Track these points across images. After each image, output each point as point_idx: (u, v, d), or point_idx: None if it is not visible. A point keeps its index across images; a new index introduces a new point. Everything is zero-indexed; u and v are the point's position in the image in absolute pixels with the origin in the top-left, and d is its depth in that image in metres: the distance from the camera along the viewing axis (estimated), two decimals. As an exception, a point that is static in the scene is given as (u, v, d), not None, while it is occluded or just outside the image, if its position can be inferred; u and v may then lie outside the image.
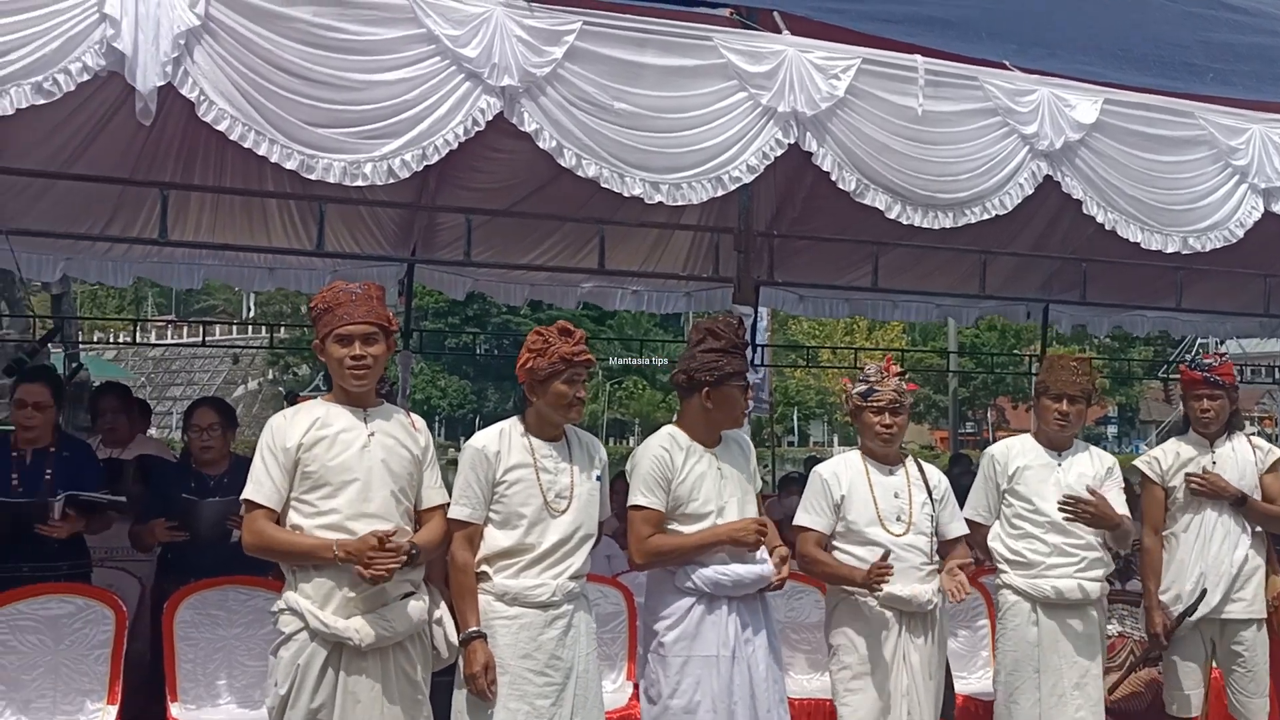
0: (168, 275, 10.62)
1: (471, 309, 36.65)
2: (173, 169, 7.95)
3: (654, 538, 4.41)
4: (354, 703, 3.82)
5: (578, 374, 4.17)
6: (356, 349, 3.91)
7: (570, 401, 4.17)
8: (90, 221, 8.57)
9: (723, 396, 4.44)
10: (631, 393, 49.45)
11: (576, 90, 4.89)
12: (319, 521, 3.85)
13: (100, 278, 10.58)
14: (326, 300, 3.97)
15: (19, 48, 4.18)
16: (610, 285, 10.46)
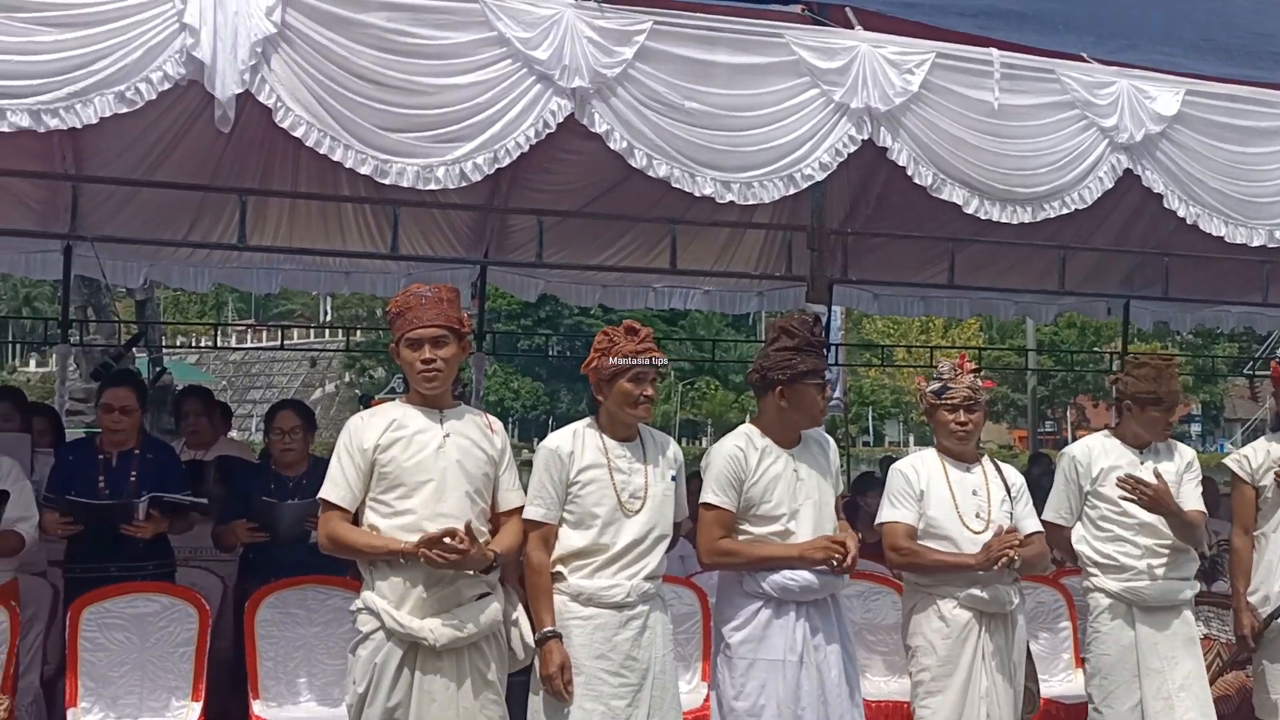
0: (246, 280, 10.80)
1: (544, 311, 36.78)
2: (251, 175, 8.08)
3: (723, 541, 4.39)
4: (430, 701, 3.85)
5: (643, 373, 4.16)
6: (426, 352, 3.94)
7: (636, 400, 4.16)
8: (172, 228, 8.73)
9: (797, 395, 4.40)
10: (704, 393, 49.34)
11: (647, 90, 4.88)
12: (395, 522, 3.89)
13: (182, 283, 10.77)
14: (399, 304, 4.02)
15: (102, 58, 4.28)
16: (682, 285, 10.44)
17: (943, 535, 4.74)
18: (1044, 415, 45.97)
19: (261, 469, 6.09)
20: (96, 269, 9.56)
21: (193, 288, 11.00)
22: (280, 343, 32.63)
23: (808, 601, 4.38)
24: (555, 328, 38.66)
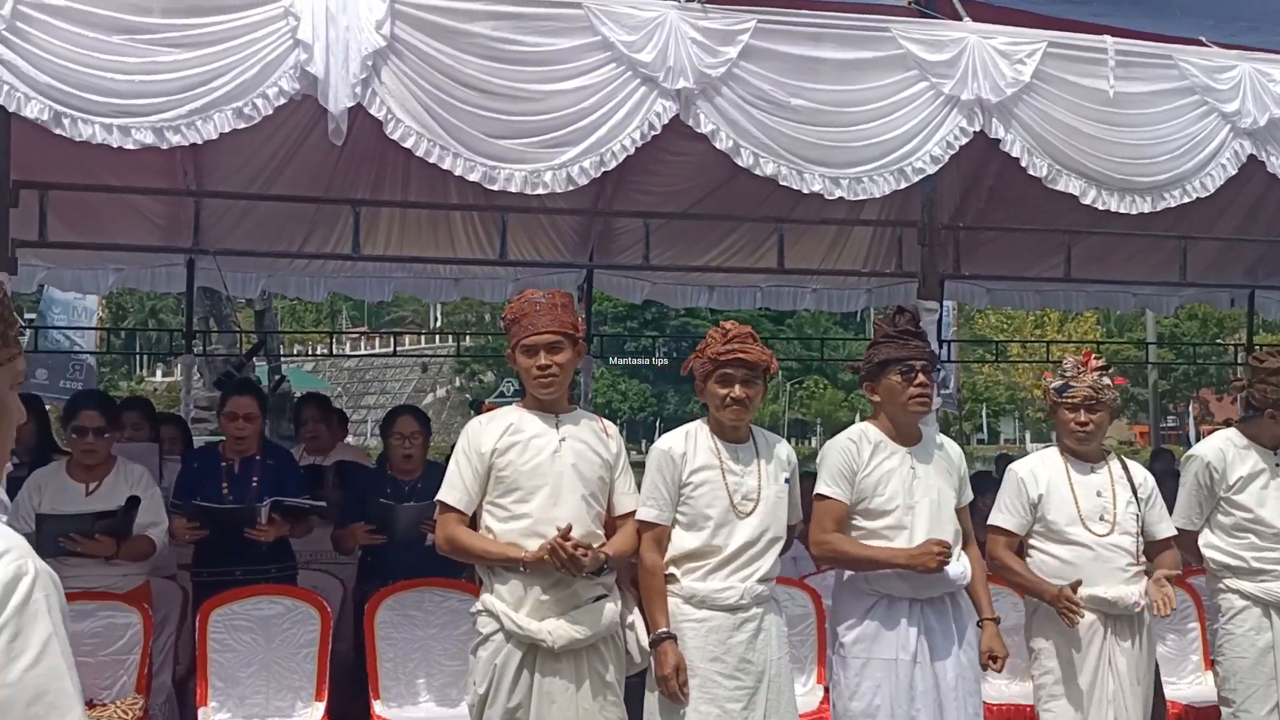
0: (359, 289, 11.03)
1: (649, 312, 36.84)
2: (363, 186, 8.24)
3: (833, 536, 4.37)
4: (549, 703, 3.88)
5: (729, 374, 4.12)
6: (542, 358, 3.97)
7: (725, 402, 4.12)
8: (287, 239, 8.96)
9: (883, 386, 4.40)
10: (812, 392, 48.96)
11: (752, 89, 4.87)
12: (511, 525, 3.94)
13: (298, 293, 11.05)
14: (514, 311, 4.06)
15: (220, 75, 4.41)
16: (788, 285, 10.37)
17: (1065, 538, 4.63)
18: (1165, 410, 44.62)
19: (379, 473, 6.19)
20: (218, 281, 9.85)
21: (308, 297, 11.27)
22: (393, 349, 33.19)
23: (923, 600, 4.32)
24: (661, 329, 38.68)
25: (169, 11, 4.38)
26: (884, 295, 10.84)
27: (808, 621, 5.34)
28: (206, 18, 4.41)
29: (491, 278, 10.56)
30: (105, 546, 5.18)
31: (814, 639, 5.37)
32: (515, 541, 3.91)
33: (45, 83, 4.26)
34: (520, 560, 3.85)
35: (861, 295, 11.01)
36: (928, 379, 4.39)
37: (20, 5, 4.22)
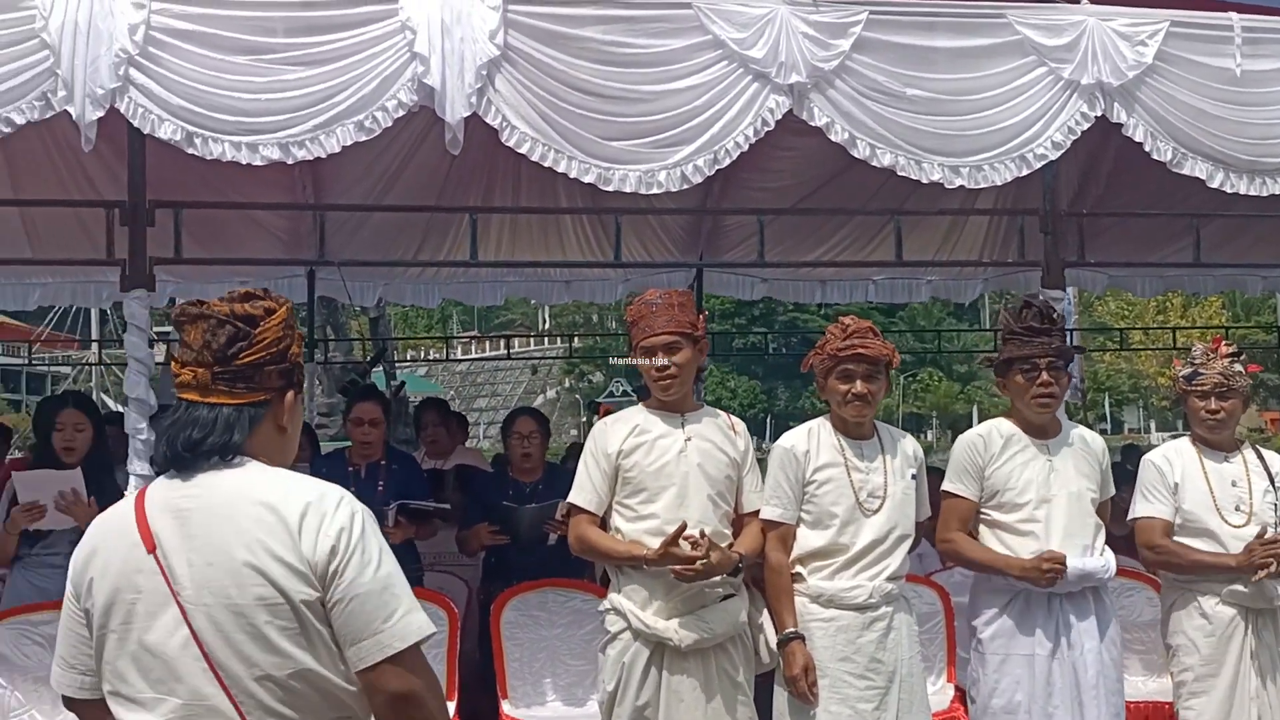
0: (472, 294, 11.15)
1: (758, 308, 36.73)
2: (474, 193, 8.36)
3: (955, 535, 4.36)
4: (677, 701, 3.89)
5: (849, 370, 4.09)
6: (660, 359, 3.98)
7: (847, 398, 4.09)
8: (402, 248, 9.13)
9: (1010, 384, 4.37)
10: (927, 385, 48.29)
11: (866, 80, 4.84)
12: (639, 526, 3.96)
13: (414, 300, 11.23)
14: (633, 314, 4.09)
15: (342, 90, 4.53)
16: (903, 277, 10.24)
17: (1200, 529, 4.49)
18: (1296, 395, 42.99)
19: (499, 475, 6.28)
20: (338, 291, 10.08)
21: (423, 304, 11.43)
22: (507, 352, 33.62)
23: (1061, 594, 4.25)
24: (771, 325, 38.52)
25: (292, 31, 4.51)
26: (1000, 283, 10.67)
27: (936, 619, 5.26)
28: (327, 35, 4.53)
29: (602, 279, 10.61)
30: None
31: (943, 637, 5.29)
32: (641, 540, 3.93)
33: (177, 104, 4.42)
34: (643, 559, 3.88)
35: (977, 285, 10.83)
36: (1052, 377, 4.31)
37: (152, 31, 4.39)
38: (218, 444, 2.27)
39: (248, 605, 2.16)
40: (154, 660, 2.20)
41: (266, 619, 2.16)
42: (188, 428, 2.29)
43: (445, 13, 4.53)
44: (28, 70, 4.35)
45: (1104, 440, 4.68)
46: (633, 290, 10.38)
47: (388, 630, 2.19)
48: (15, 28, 4.34)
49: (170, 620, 2.19)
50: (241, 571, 2.17)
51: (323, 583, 2.18)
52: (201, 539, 2.21)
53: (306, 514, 2.21)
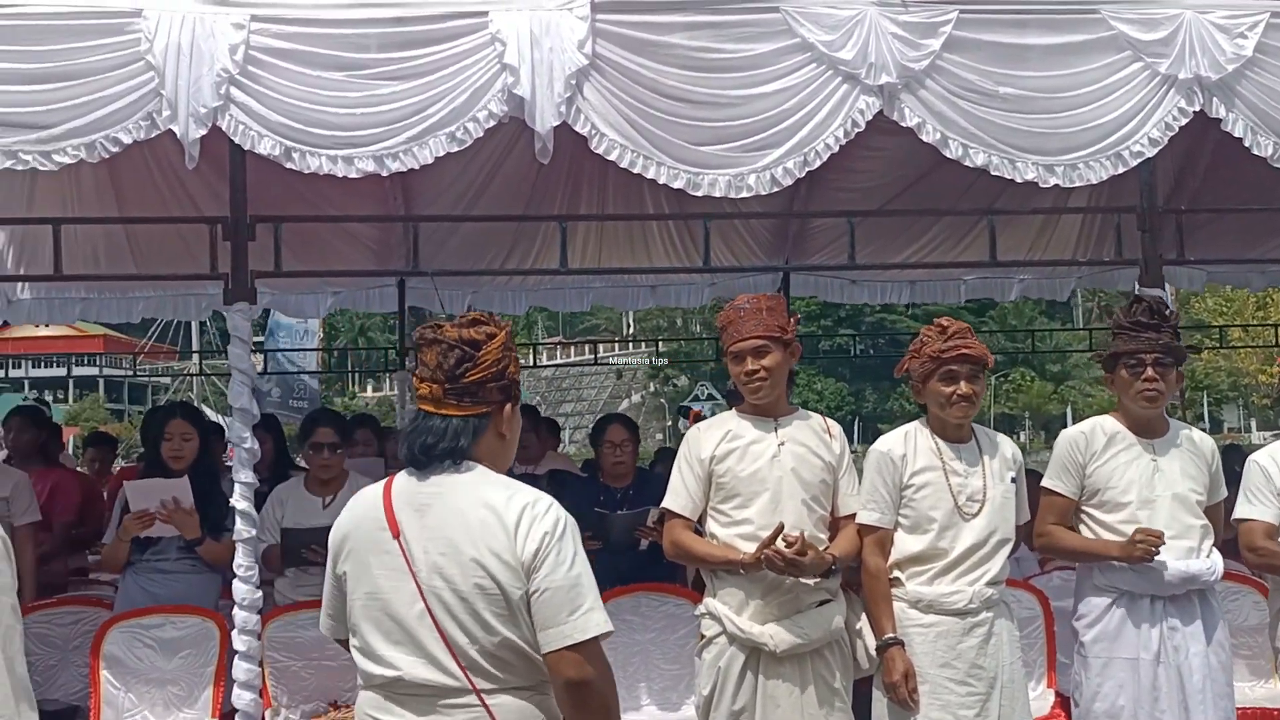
0: (559, 301, 11.23)
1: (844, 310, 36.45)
2: (561, 201, 8.44)
3: (1051, 528, 4.32)
4: (774, 706, 3.88)
5: (953, 371, 4.05)
6: (749, 364, 3.98)
7: (952, 400, 4.05)
8: (490, 256, 9.24)
9: (1117, 380, 4.31)
10: (1019, 385, 47.50)
11: (958, 80, 4.79)
12: (733, 531, 3.96)
13: (501, 307, 11.30)
14: (723, 319, 4.09)
15: (434, 103, 4.61)
16: (995, 276, 10.11)
17: None
18: (1406, 391, 41.49)
19: (591, 481, 6.31)
20: (427, 300, 10.22)
21: (511, 311, 11.53)
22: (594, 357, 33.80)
23: (1165, 597, 4.16)
24: (857, 326, 38.21)
25: (385, 46, 4.60)
26: (1093, 281, 10.48)
27: (1035, 624, 5.18)
28: (420, 50, 4.61)
29: (688, 284, 10.64)
30: None
31: (1043, 642, 5.21)
32: (735, 545, 3.93)
33: (276, 121, 4.53)
34: (739, 563, 3.88)
35: (1070, 282, 10.65)
36: (1158, 373, 4.22)
37: (251, 51, 4.50)
38: (448, 449, 2.73)
39: (469, 592, 2.63)
40: (393, 625, 2.69)
41: (484, 604, 2.62)
42: (424, 435, 2.75)
43: (534, 24, 4.59)
44: (134, 91, 4.49)
45: (1208, 441, 4.57)
46: (719, 294, 10.39)
47: (570, 623, 2.59)
48: (122, 50, 4.48)
49: (409, 595, 2.66)
50: (467, 564, 2.63)
51: (527, 576, 2.61)
52: (436, 532, 2.67)
53: (521, 518, 2.64)
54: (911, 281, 10.39)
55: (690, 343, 34.61)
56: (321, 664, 5.17)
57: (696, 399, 37.45)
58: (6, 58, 4.50)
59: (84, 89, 4.50)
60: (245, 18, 4.52)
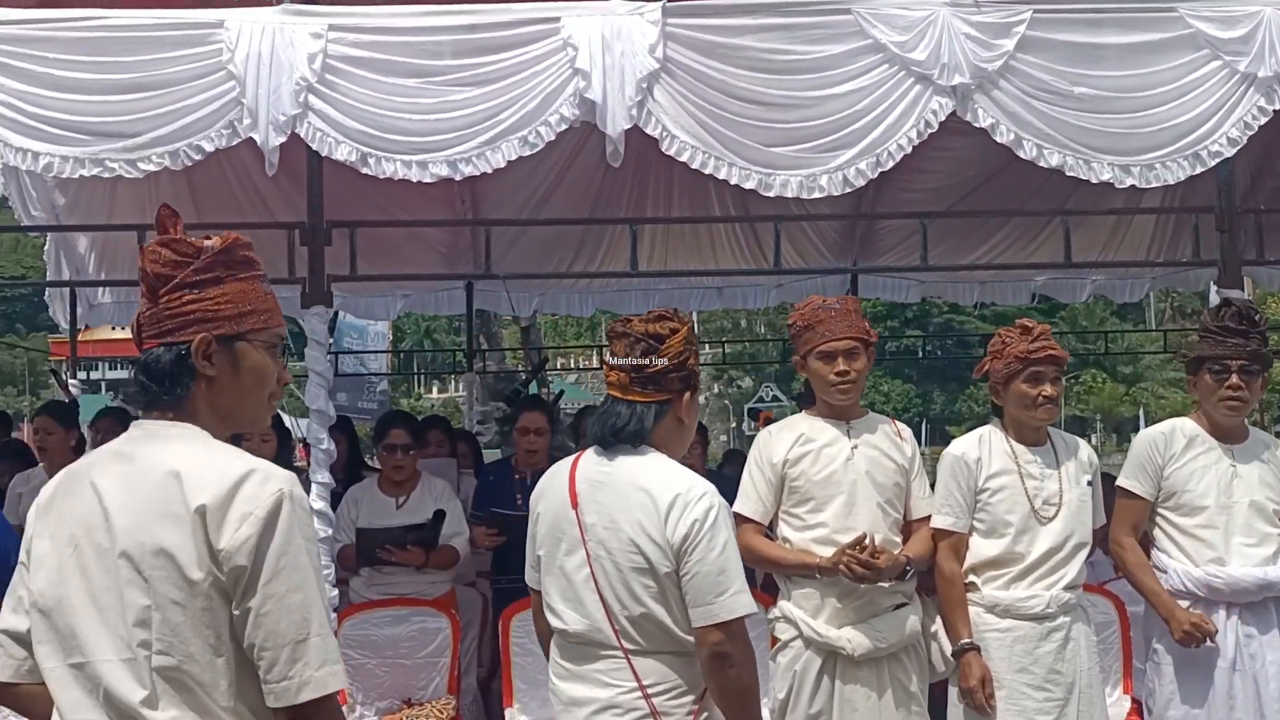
0: (625, 303, 11.19)
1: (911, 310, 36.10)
2: (627, 203, 8.48)
3: (1126, 541, 4.27)
4: (851, 711, 3.87)
5: (1039, 372, 4.02)
6: (840, 365, 3.96)
7: (1038, 401, 4.02)
8: (557, 259, 9.29)
9: (1200, 384, 4.24)
10: (1090, 387, 46.70)
11: (1032, 80, 4.75)
12: (807, 535, 3.96)
13: (568, 310, 11.40)
14: (807, 318, 4.03)
15: (507, 108, 4.66)
16: (1067, 277, 9.98)
17: None
18: None
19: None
20: (494, 303, 10.30)
21: (577, 313, 11.61)
22: (656, 360, 33.68)
23: (1240, 604, 4.10)
24: (924, 327, 37.80)
25: (459, 53, 4.65)
26: (1167, 281, 10.32)
27: (1111, 629, 5.11)
28: (492, 56, 4.66)
29: (754, 286, 10.62)
30: (416, 556, 5.51)
31: (1118, 647, 5.14)
32: (810, 550, 3.93)
33: (352, 127, 4.60)
34: (815, 567, 3.87)
35: (1144, 283, 10.49)
36: (1243, 380, 4.14)
37: (329, 59, 4.58)
38: (631, 431, 3.00)
39: (625, 566, 2.91)
40: (567, 584, 3.02)
41: (636, 580, 2.90)
42: (611, 418, 3.03)
43: (605, 29, 4.62)
44: (216, 100, 4.59)
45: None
46: (785, 296, 10.37)
47: (718, 603, 2.83)
48: (204, 61, 4.59)
49: (579, 559, 2.99)
50: (625, 541, 2.91)
51: (677, 558, 2.87)
52: (604, 508, 2.97)
53: (674, 503, 2.88)
54: (981, 282, 10.29)
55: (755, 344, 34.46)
56: (396, 662, 5.25)
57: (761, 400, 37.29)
58: (94, 69, 4.62)
59: (168, 98, 4.61)
60: (323, 27, 4.61)
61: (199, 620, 2.02)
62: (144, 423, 2.19)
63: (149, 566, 2.03)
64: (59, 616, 2.09)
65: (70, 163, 4.63)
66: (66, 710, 2.06)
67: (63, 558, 2.11)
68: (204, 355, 2.16)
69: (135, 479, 2.09)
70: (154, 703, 2.02)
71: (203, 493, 2.02)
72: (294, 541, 2.04)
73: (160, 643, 2.02)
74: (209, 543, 2.01)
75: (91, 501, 2.10)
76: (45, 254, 8.83)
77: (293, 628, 2.02)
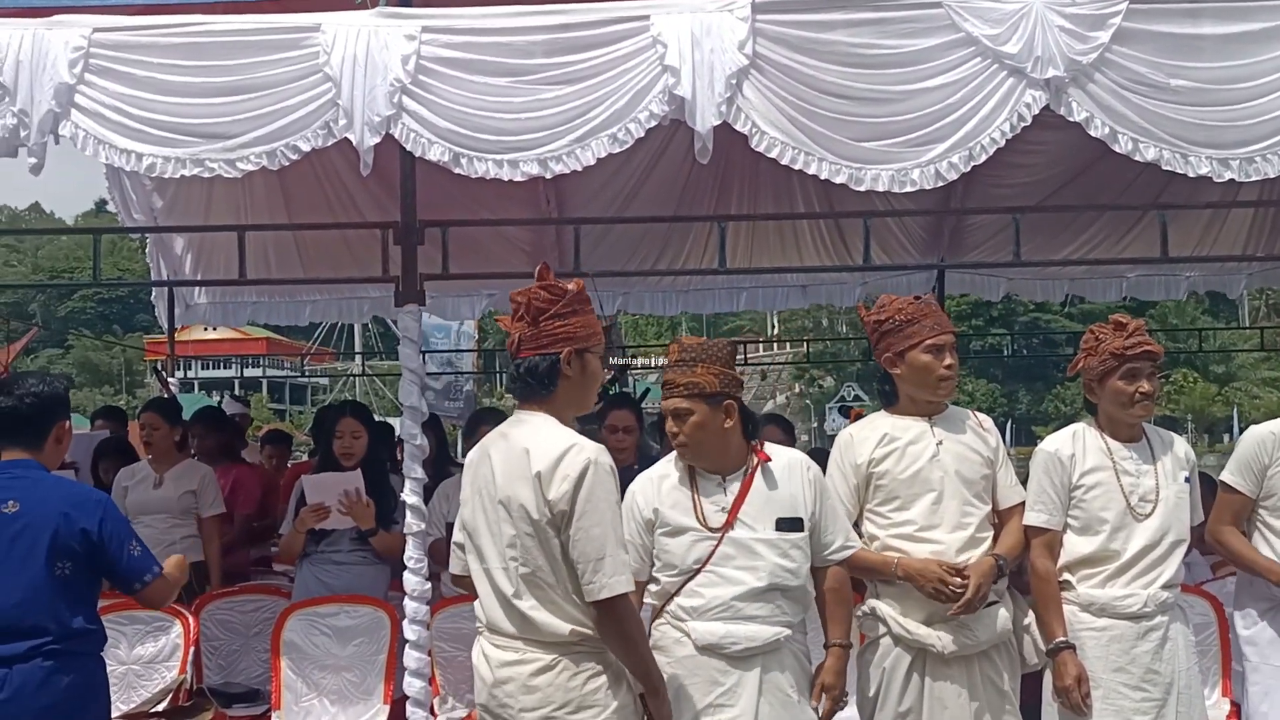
0: (708, 302, 11.22)
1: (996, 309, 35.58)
2: (710, 200, 8.48)
3: (1227, 530, 4.23)
4: (941, 709, 3.84)
5: (1135, 369, 3.95)
6: (948, 359, 3.96)
7: (1135, 398, 3.96)
8: (641, 257, 9.32)
9: None
10: (1181, 387, 45.68)
11: (1128, 72, 4.65)
12: (893, 532, 3.94)
13: (652, 309, 11.37)
14: (910, 313, 4.00)
15: (596, 106, 4.68)
16: (1159, 274, 9.78)
17: None
18: None
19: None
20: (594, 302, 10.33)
21: (661, 312, 11.59)
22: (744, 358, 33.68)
23: None
24: (1009, 326, 37.26)
25: (550, 52, 4.69)
26: (1264, 278, 10.08)
27: (1209, 630, 5.01)
28: (583, 54, 4.68)
29: (838, 283, 10.56)
30: None
31: (1217, 649, 5.03)
32: (897, 548, 3.91)
33: (445, 128, 4.66)
34: (893, 573, 3.86)
35: (1240, 279, 10.24)
36: None
37: (422, 60, 4.64)
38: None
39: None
40: None
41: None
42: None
43: (695, 26, 4.62)
44: (313, 102, 4.67)
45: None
46: (870, 293, 10.29)
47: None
48: (302, 63, 4.68)
49: None
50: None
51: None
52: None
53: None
54: (1071, 279, 10.13)
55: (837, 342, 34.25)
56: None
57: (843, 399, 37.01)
58: (195, 73, 4.74)
59: (266, 100, 4.70)
60: (417, 29, 4.67)
61: (543, 544, 3.19)
62: (519, 411, 3.37)
63: (514, 510, 3.21)
64: (474, 538, 3.35)
65: (172, 163, 4.74)
66: (481, 596, 3.33)
67: (474, 501, 3.35)
68: (568, 362, 3.30)
69: (507, 451, 3.27)
70: (520, 595, 3.21)
71: (540, 461, 3.17)
72: (596, 493, 3.14)
73: (520, 558, 3.21)
74: (543, 494, 3.16)
75: (486, 465, 3.32)
76: (147, 256, 9.10)
77: (594, 550, 3.13)
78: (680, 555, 3.61)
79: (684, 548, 3.61)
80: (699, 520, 3.62)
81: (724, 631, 3.53)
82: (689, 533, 3.62)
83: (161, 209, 7.84)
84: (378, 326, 25.75)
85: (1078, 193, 7.72)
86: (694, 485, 3.68)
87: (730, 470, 3.69)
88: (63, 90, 4.64)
